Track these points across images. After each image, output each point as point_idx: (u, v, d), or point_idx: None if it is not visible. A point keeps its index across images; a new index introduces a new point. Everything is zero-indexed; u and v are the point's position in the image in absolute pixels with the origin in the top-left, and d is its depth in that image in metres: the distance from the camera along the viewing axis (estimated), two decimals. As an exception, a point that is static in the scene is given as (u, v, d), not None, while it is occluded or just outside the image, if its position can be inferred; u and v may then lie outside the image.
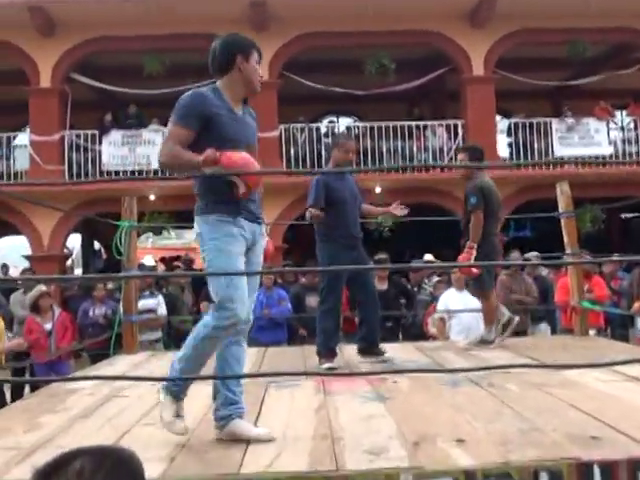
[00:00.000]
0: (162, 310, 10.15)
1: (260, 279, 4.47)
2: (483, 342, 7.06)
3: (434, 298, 10.03)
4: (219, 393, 3.86)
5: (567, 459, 3.07)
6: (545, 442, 3.35)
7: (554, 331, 10.77)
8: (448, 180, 16.68)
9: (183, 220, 15.72)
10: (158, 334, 10.14)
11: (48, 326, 9.83)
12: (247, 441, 3.60)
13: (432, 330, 9.41)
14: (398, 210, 6.87)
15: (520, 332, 9.69)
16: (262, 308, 10.13)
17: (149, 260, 14.55)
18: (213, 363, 3.93)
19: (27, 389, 9.35)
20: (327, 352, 6.24)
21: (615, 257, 10.84)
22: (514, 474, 2.99)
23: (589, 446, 3.25)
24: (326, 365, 6.10)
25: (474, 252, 6.77)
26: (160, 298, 10.28)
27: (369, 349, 6.42)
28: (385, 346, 6.65)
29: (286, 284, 11.35)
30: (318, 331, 6.37)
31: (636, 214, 24.49)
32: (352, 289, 6.75)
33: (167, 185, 16.85)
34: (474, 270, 6.92)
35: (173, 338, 10.67)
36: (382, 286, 8.91)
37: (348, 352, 6.88)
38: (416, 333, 10.09)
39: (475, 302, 8.68)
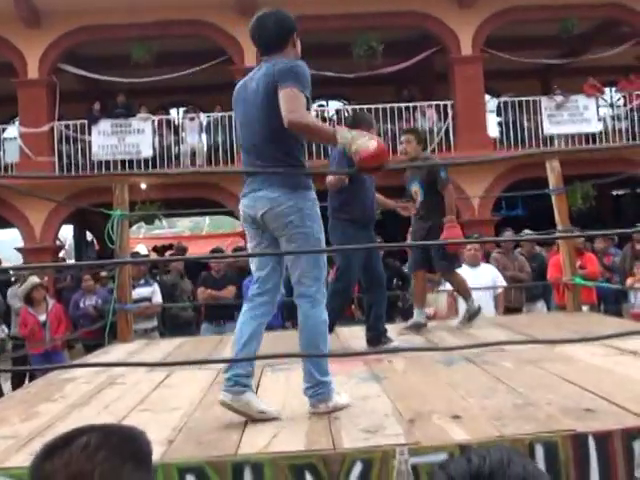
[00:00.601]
0: (157, 298, 10.15)
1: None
2: (471, 315, 7.09)
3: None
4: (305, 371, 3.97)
5: (562, 431, 3.10)
6: (540, 416, 3.38)
7: (550, 309, 10.82)
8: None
9: (174, 209, 15.74)
10: (154, 322, 10.15)
11: (42, 317, 9.86)
12: (245, 422, 3.63)
13: (429, 310, 9.41)
14: (405, 211, 6.88)
15: (516, 309, 9.76)
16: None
17: (142, 249, 14.59)
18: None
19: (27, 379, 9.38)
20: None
21: (606, 232, 10.90)
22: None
23: (583, 418, 3.28)
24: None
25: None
26: (155, 286, 10.29)
27: (377, 338, 6.17)
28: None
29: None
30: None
31: (627, 190, 24.54)
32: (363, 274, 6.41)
33: (159, 174, 16.86)
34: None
35: (170, 326, 10.68)
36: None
37: (344, 334, 6.90)
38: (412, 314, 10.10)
39: (487, 279, 8.72)
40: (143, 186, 17.11)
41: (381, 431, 3.31)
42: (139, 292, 9.75)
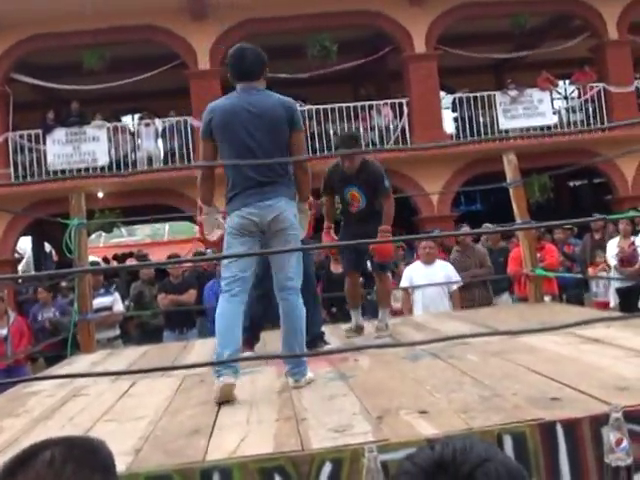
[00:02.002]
0: (118, 307, 10.06)
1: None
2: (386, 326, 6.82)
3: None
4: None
5: (529, 421, 3.10)
6: (507, 407, 3.39)
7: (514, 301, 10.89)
8: (397, 159, 16.74)
9: (133, 216, 15.60)
10: (116, 331, 10.05)
11: (3, 331, 9.69)
12: (212, 428, 3.59)
13: (395, 305, 9.42)
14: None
15: (484, 305, 9.77)
16: (217, 298, 10.11)
17: (93, 260, 14.48)
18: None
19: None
20: (249, 341, 5.93)
21: (563, 222, 10.99)
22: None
23: (551, 407, 3.29)
24: (246, 353, 5.65)
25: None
26: (116, 295, 10.20)
27: (313, 343, 5.99)
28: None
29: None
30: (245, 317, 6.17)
31: (584, 181, 24.82)
32: None
33: (115, 181, 16.71)
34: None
35: (139, 334, 10.55)
36: (338, 269, 8.87)
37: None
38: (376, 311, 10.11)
39: (440, 276, 8.76)
40: (100, 194, 16.95)
41: (349, 430, 3.29)
42: (100, 301, 9.65)
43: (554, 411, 3.22)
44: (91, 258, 14.03)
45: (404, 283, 9.09)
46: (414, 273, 8.94)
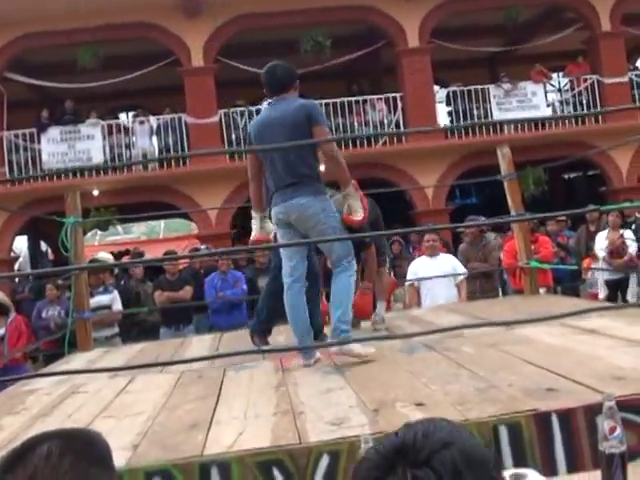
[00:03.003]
0: (117, 306, 10.05)
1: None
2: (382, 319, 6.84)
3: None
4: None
5: (525, 411, 3.13)
6: (502, 398, 3.41)
7: (506, 294, 10.91)
8: (392, 153, 16.78)
9: (128, 214, 15.61)
10: (114, 329, 10.05)
11: (1, 331, 9.67)
12: (209, 423, 3.61)
13: (397, 305, 9.44)
14: None
15: (488, 297, 9.77)
16: (216, 292, 10.15)
17: (104, 255, 14.46)
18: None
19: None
20: (263, 333, 6.10)
21: (558, 213, 11.03)
22: (474, 431, 3.03)
23: (546, 398, 3.31)
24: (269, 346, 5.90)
25: None
26: (115, 294, 10.18)
27: (315, 335, 5.89)
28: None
29: (239, 267, 11.33)
30: (259, 311, 6.22)
31: (579, 173, 24.84)
32: None
33: (111, 179, 16.72)
34: None
35: (137, 331, 10.55)
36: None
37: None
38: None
39: (446, 268, 8.78)
40: (95, 192, 16.95)
41: (346, 422, 3.31)
42: (98, 300, 9.66)
43: (549, 401, 3.24)
44: (102, 255, 14.08)
45: (410, 278, 9.09)
46: (420, 268, 8.91)
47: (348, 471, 2.95)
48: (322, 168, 5.17)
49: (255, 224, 5.42)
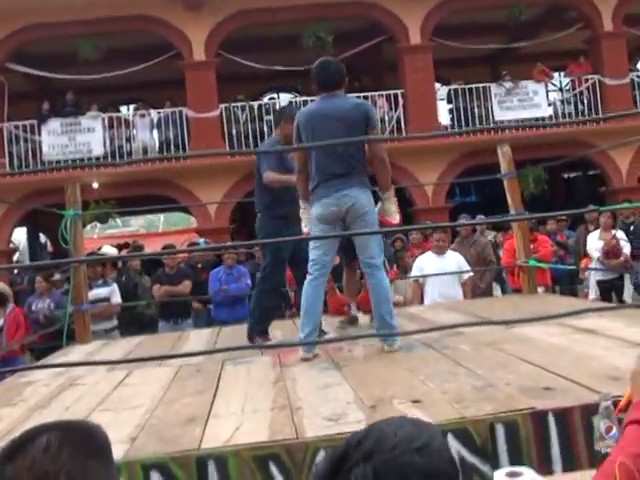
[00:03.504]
0: (116, 298, 10.04)
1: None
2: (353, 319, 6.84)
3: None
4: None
5: (522, 410, 3.14)
6: (499, 396, 3.42)
7: (504, 292, 10.93)
8: (392, 150, 16.74)
9: (128, 207, 15.60)
10: (113, 322, 10.04)
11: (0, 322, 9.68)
12: (207, 417, 3.62)
13: (397, 297, 9.43)
14: None
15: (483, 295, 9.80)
16: (220, 285, 10.17)
17: (108, 248, 14.46)
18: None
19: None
20: (263, 332, 6.14)
21: (557, 213, 11.03)
22: (471, 428, 3.05)
23: (543, 396, 3.33)
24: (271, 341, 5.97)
25: None
26: (114, 286, 10.16)
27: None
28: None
29: (239, 262, 11.32)
30: (254, 310, 6.27)
31: (578, 173, 24.83)
32: (292, 267, 6.48)
33: (110, 172, 16.72)
34: None
35: (135, 325, 10.53)
36: (334, 260, 8.86)
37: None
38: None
39: (452, 266, 8.79)
40: (95, 185, 16.94)
41: (343, 418, 3.32)
42: (97, 292, 9.65)
43: (546, 400, 3.25)
44: (106, 248, 14.06)
45: (415, 274, 9.10)
46: (425, 264, 8.89)
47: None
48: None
49: (306, 214, 5.47)
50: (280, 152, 6.14)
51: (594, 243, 10.73)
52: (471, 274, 9.12)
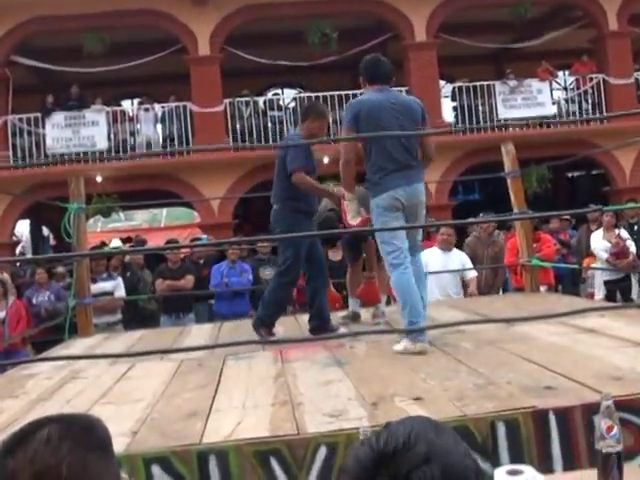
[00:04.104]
0: (120, 292, 10.05)
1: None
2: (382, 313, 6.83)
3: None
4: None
5: (523, 408, 3.14)
6: (501, 395, 3.42)
7: (506, 291, 10.91)
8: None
9: (131, 201, 15.60)
10: (117, 316, 10.06)
11: (1, 314, 9.69)
12: (208, 412, 3.63)
13: None
14: None
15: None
16: (222, 279, 10.19)
17: (116, 242, 14.47)
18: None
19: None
20: (271, 325, 6.13)
21: (560, 213, 11.02)
22: (471, 426, 3.05)
23: (544, 395, 3.33)
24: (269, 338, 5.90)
25: None
26: (119, 280, 10.18)
27: (322, 327, 6.08)
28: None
29: (241, 258, 11.33)
30: (268, 302, 6.20)
31: (582, 172, 24.81)
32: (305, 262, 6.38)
33: (114, 166, 16.72)
34: None
35: (138, 319, 10.53)
36: (336, 257, 8.89)
37: (303, 321, 6.91)
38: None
39: (456, 263, 8.79)
40: (99, 179, 16.95)
41: (344, 415, 3.33)
42: (102, 286, 9.67)
43: (547, 399, 3.26)
44: (115, 241, 14.06)
45: None
46: (430, 259, 8.84)
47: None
48: (326, 160, 5.26)
49: (353, 205, 5.60)
50: (305, 149, 6.11)
51: (599, 243, 10.70)
52: (475, 274, 9.11)
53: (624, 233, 10.76)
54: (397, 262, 5.15)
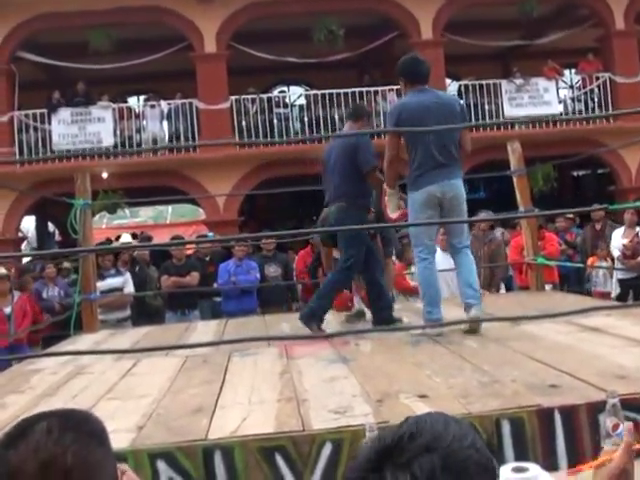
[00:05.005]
0: (129, 288, 10.06)
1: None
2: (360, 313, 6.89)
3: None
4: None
5: (528, 407, 3.14)
6: (506, 392, 3.43)
7: (510, 289, 10.91)
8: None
9: (136, 197, 15.61)
10: (126, 312, 10.07)
11: (7, 310, 9.71)
12: (214, 408, 3.63)
13: (413, 283, 9.38)
14: None
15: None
16: (230, 277, 10.20)
17: (126, 237, 14.50)
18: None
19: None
20: (322, 319, 6.05)
21: (565, 211, 11.01)
22: (476, 424, 3.05)
23: (549, 394, 3.33)
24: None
25: None
26: (127, 276, 10.19)
27: (386, 318, 6.11)
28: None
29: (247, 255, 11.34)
30: (324, 295, 6.16)
31: (588, 171, 24.78)
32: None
33: (120, 162, 16.74)
34: None
35: (144, 315, 10.55)
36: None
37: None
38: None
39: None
40: (104, 175, 16.97)
41: (350, 411, 3.33)
42: (109, 283, 9.68)
43: (552, 398, 3.26)
44: (125, 236, 14.08)
45: None
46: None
47: (350, 460, 2.97)
48: None
49: (394, 200, 5.75)
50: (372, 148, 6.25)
51: (617, 241, 10.69)
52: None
53: None
54: (423, 256, 5.52)
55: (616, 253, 10.70)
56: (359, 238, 6.12)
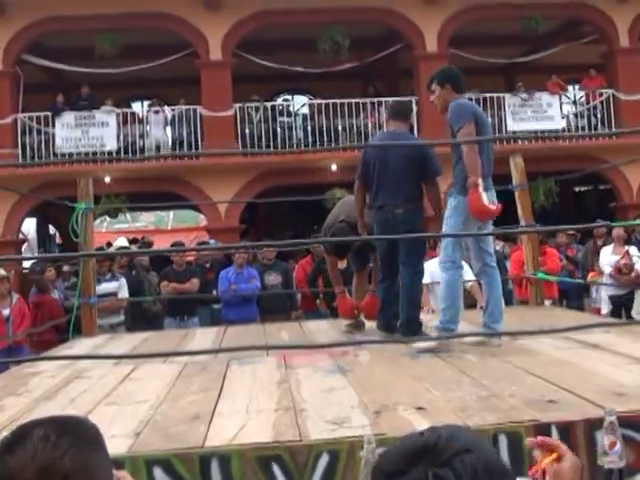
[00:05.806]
0: (124, 293, 10.06)
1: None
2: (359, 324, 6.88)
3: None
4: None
5: (525, 422, 3.15)
6: (503, 407, 3.43)
7: (510, 304, 10.90)
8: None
9: (138, 203, 15.62)
10: (120, 317, 10.06)
11: (6, 312, 9.71)
12: (212, 415, 3.63)
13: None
14: None
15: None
16: (230, 285, 10.20)
17: (122, 241, 14.48)
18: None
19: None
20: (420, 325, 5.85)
21: (567, 227, 11.02)
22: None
23: (546, 409, 3.33)
24: (426, 345, 5.30)
25: None
26: (122, 281, 10.19)
27: (413, 328, 5.83)
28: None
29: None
30: (413, 300, 5.98)
31: (589, 187, 24.80)
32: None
33: (122, 167, 16.76)
34: None
35: (141, 320, 10.53)
36: (341, 265, 8.86)
37: (309, 328, 6.92)
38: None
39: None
40: (107, 179, 16.99)
41: (347, 422, 3.33)
42: (105, 287, 9.68)
43: (550, 413, 3.26)
44: (121, 240, 14.08)
45: (425, 279, 9.00)
46: (434, 268, 8.80)
47: (347, 471, 2.97)
48: (334, 168, 5.26)
49: (487, 193, 5.57)
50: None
51: (607, 257, 10.69)
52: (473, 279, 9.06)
53: (634, 250, 10.75)
54: (457, 264, 5.51)
55: (607, 269, 10.69)
56: (422, 240, 6.32)
